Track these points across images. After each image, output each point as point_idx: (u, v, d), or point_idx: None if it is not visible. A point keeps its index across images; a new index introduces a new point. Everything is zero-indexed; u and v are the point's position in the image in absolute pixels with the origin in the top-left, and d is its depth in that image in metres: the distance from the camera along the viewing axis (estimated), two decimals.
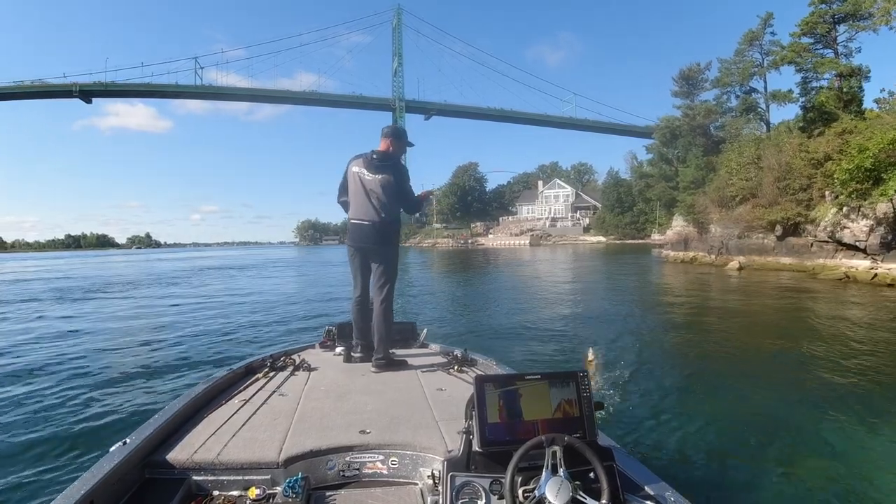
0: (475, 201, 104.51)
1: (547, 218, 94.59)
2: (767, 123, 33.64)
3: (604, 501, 1.38)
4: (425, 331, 4.16)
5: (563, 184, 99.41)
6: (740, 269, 21.91)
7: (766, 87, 34.62)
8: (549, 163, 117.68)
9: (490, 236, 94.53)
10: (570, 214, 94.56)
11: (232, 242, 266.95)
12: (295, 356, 3.45)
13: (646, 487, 1.62)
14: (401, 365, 3.33)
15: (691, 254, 27.88)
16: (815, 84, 33.50)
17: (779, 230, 21.63)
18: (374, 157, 3.44)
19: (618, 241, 75.25)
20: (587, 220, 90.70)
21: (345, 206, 3.62)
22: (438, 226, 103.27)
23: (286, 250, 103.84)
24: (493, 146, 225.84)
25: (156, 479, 1.86)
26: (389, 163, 3.46)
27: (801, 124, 30.29)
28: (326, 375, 3.17)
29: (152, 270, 31.86)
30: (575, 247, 70.96)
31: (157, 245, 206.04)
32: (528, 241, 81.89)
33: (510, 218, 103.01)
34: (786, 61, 32.53)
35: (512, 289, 17.02)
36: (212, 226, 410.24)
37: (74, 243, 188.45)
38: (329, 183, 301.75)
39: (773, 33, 34.27)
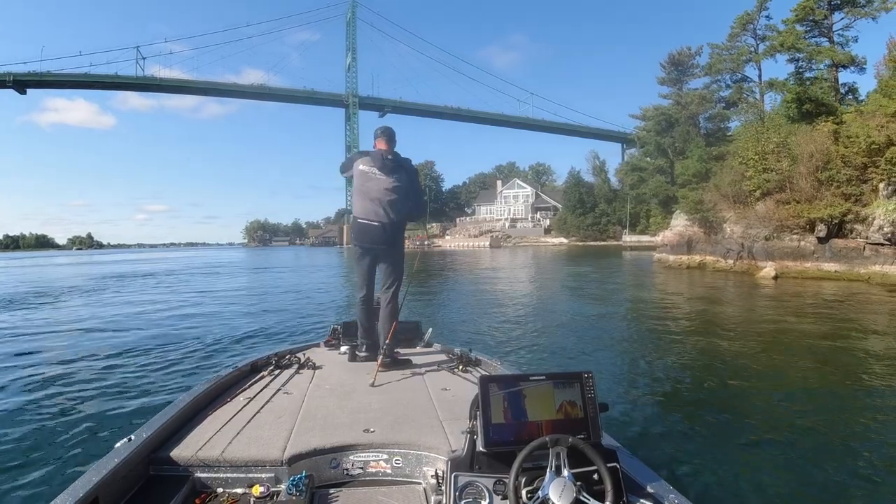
0: (431, 201, 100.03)
1: (506, 219, 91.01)
2: (762, 114, 30.75)
3: (607, 503, 1.38)
4: (430, 330, 4.11)
5: (522, 184, 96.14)
6: (776, 277, 18.13)
7: (760, 76, 31.89)
8: (506, 163, 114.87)
9: (447, 237, 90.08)
10: (530, 215, 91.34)
11: (178, 243, 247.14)
12: (300, 354, 3.44)
13: (650, 489, 1.60)
14: (405, 364, 3.29)
15: (698, 258, 24.13)
16: (808, 74, 31.23)
17: (822, 230, 18.00)
18: (389, 157, 3.42)
19: (580, 243, 72.90)
20: (547, 222, 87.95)
21: (349, 180, 3.62)
22: None
23: (233, 251, 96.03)
24: (450, 145, 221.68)
25: (160, 476, 1.85)
26: (405, 164, 3.46)
27: (790, 115, 27.60)
28: (331, 374, 3.14)
29: (49, 278, 24.83)
30: (537, 249, 68.12)
31: (100, 246, 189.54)
32: (488, 243, 77.86)
33: (468, 218, 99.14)
34: (785, 47, 29.81)
35: (494, 304, 12.26)
36: (158, 226, 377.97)
37: (13, 244, 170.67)
38: (281, 184, 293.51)
39: (768, 17, 31.61)
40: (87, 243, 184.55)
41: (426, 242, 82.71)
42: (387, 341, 3.26)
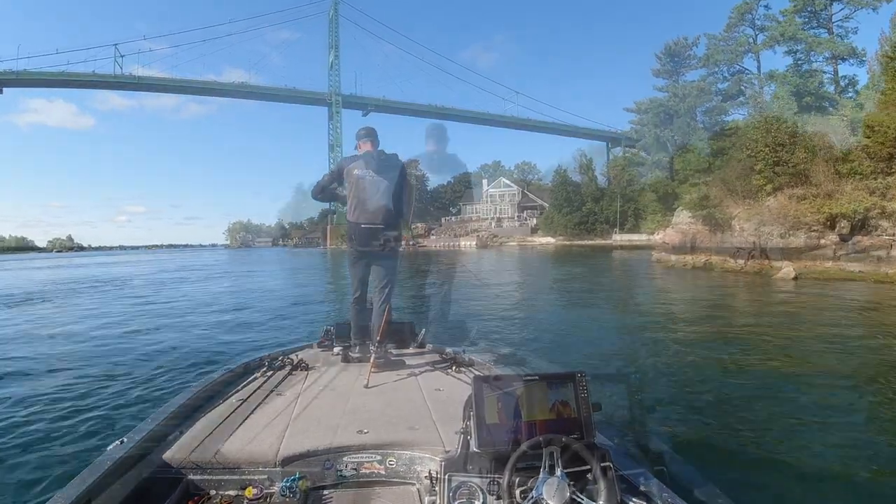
0: (416, 201, 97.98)
1: (492, 218, 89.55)
2: (763, 106, 29.66)
3: (601, 502, 1.37)
4: (423, 331, 4.06)
5: (508, 182, 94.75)
6: (796, 278, 16.76)
7: (759, 68, 30.79)
8: (491, 162, 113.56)
9: (432, 237, 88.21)
10: (516, 214, 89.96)
11: (160, 245, 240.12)
12: (293, 356, 3.41)
13: (643, 489, 1.59)
14: (398, 365, 3.26)
15: (703, 257, 22.74)
16: (807, 67, 30.27)
17: (844, 227, 16.65)
18: (382, 157, 3.41)
19: (568, 243, 71.68)
20: (534, 221, 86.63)
21: (324, 199, 3.72)
22: None
23: (215, 253, 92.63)
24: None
25: (153, 479, 1.83)
26: (394, 162, 3.44)
27: (789, 108, 26.55)
28: (324, 375, 3.11)
29: None
30: (524, 249, 67.18)
31: (81, 248, 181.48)
32: (474, 243, 76.32)
33: (453, 218, 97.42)
34: (785, 37, 28.76)
35: (490, 307, 11.47)
36: (139, 227, 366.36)
37: None
38: (263, 184, 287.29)
39: (766, 7, 30.51)
40: (67, 245, 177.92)
41: (410, 243, 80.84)
42: (378, 338, 3.18)
